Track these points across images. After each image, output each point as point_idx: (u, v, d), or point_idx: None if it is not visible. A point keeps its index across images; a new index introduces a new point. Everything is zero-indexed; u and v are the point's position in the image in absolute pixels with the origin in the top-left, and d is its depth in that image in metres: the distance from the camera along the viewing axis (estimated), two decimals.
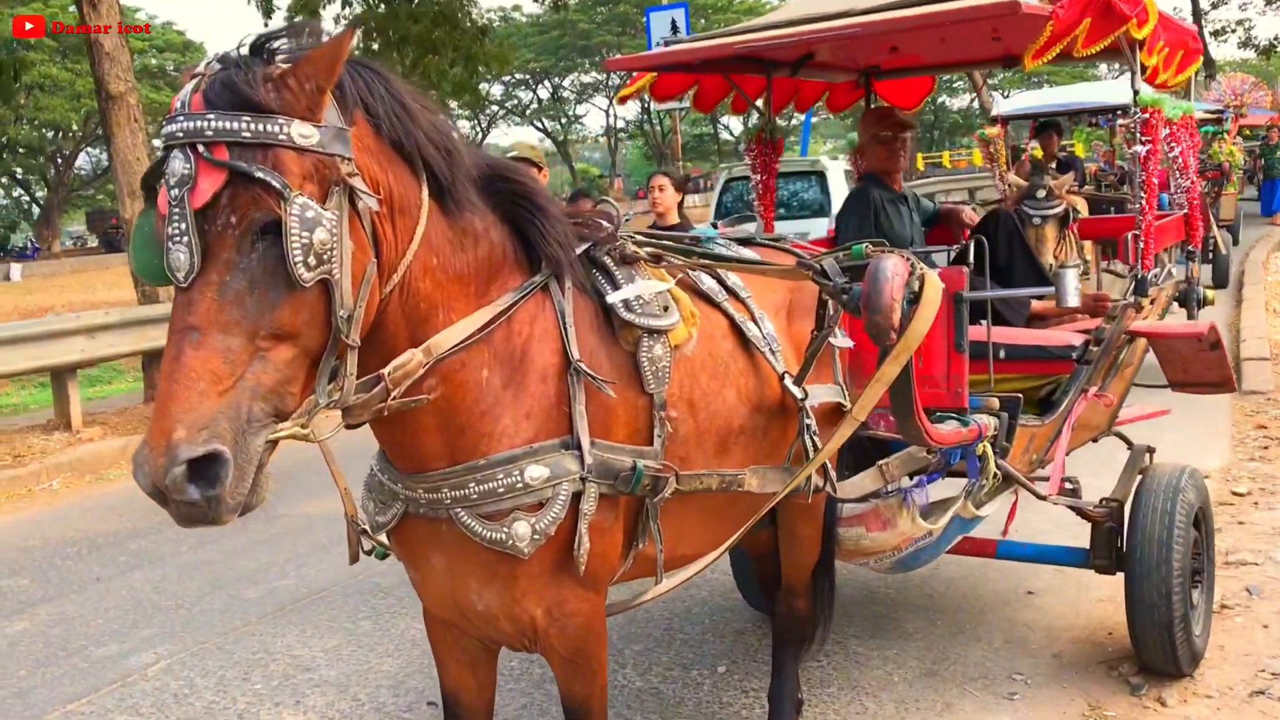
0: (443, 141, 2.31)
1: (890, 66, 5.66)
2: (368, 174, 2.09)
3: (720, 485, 2.74)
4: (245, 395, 1.89)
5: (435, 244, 2.28)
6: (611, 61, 4.40)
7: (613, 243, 2.70)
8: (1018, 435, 3.83)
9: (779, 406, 2.97)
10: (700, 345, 2.77)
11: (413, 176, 2.24)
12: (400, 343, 2.24)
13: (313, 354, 2.00)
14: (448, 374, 2.32)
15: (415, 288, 2.24)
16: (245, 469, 1.89)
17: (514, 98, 55.38)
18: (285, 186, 1.88)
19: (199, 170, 1.87)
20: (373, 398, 2.18)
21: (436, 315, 2.29)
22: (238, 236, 1.89)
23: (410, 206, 2.22)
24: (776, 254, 3.40)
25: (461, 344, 2.32)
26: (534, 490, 2.36)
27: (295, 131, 1.93)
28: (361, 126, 2.12)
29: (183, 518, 1.88)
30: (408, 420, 2.33)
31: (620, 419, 2.54)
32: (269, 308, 1.91)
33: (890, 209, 5.03)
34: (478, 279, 2.39)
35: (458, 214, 2.34)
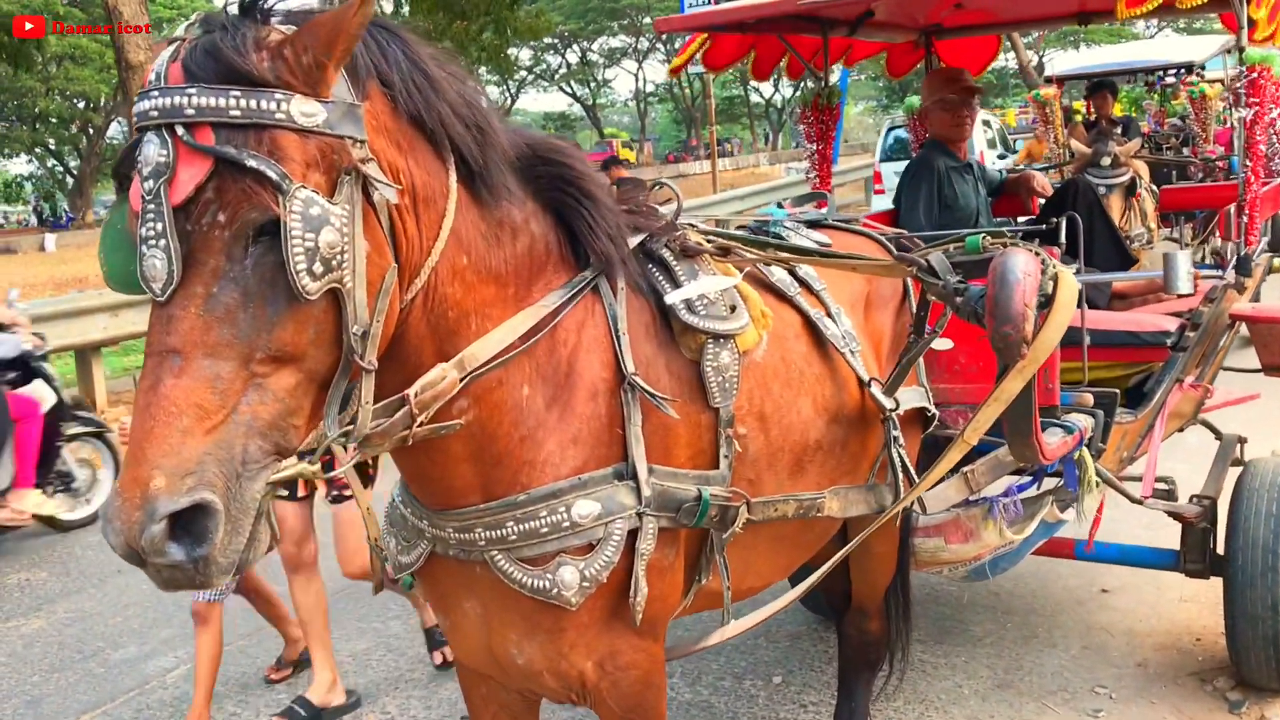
0: (473, 116, 1.93)
1: (953, 25, 5.23)
2: (385, 159, 1.74)
3: (797, 511, 2.38)
4: (239, 432, 1.54)
5: (466, 239, 1.92)
6: (662, 21, 4.00)
7: (672, 233, 2.33)
8: (1110, 434, 3.46)
9: (859, 415, 2.60)
10: (772, 349, 2.40)
11: (438, 159, 1.88)
12: (425, 358, 1.89)
13: (320, 379, 1.66)
14: (482, 394, 1.97)
15: (443, 293, 1.89)
16: (239, 521, 1.55)
17: (543, 62, 54.74)
18: (284, 177, 1.53)
19: (178, 157, 1.53)
20: (395, 425, 1.83)
21: (469, 324, 1.94)
22: (227, 239, 1.54)
23: (435, 195, 1.86)
24: (854, 240, 3.02)
25: (500, 358, 1.97)
26: (583, 530, 2.01)
27: (296, 109, 1.57)
28: (377, 101, 1.76)
29: (165, 582, 1.54)
30: (435, 449, 1.98)
31: (682, 440, 2.18)
32: (266, 326, 1.57)
33: (955, 178, 4.65)
34: (517, 279, 2.03)
35: (492, 203, 1.98)
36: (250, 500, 1.56)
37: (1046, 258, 2.09)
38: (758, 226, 2.83)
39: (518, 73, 53.58)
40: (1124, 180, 5.97)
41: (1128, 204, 6.02)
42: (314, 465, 1.67)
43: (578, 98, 57.62)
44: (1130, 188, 6.06)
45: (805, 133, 4.72)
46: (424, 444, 1.95)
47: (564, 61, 54.96)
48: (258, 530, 1.59)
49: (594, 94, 58.16)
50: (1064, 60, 14.74)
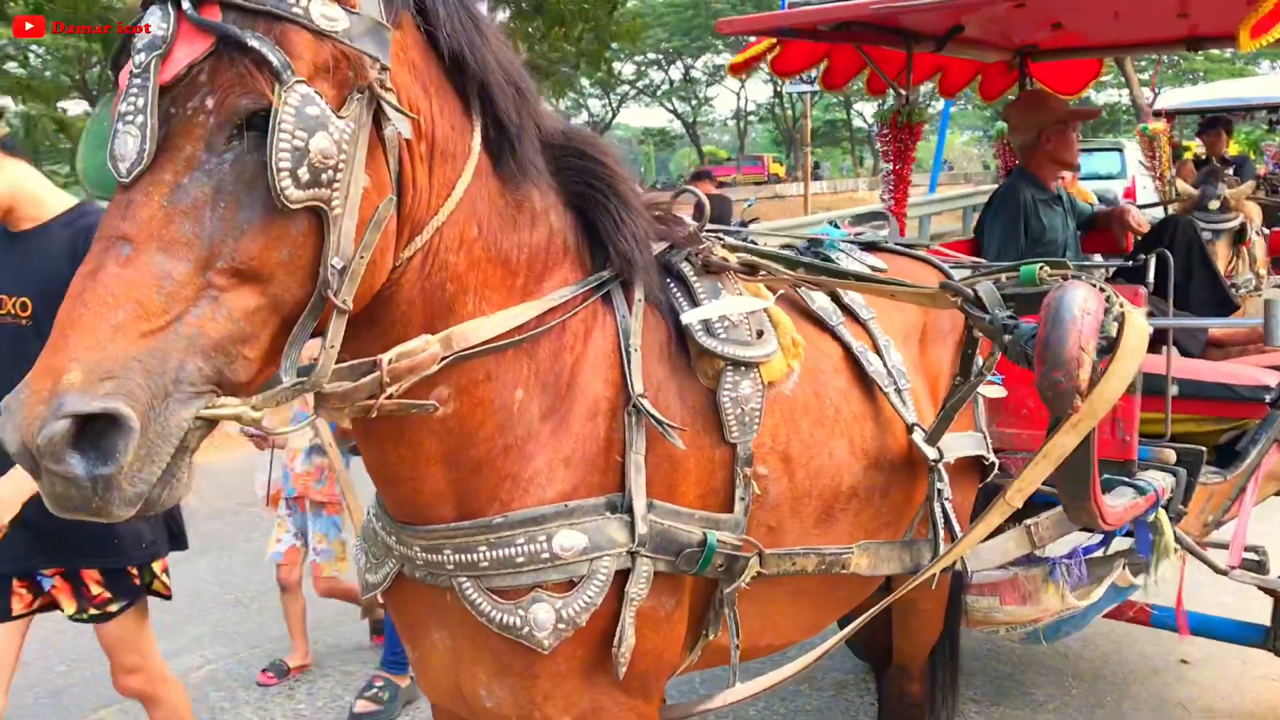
0: (515, 76, 1.76)
1: (1050, 46, 4.91)
2: (405, 95, 1.57)
3: (819, 567, 2.12)
4: (178, 345, 1.35)
5: (479, 209, 1.74)
6: (724, 22, 3.78)
7: (695, 245, 2.10)
8: (1195, 495, 3.13)
9: (904, 461, 2.34)
10: (804, 382, 2.15)
11: (465, 114, 1.71)
12: (411, 328, 1.69)
13: (285, 310, 1.46)
14: (467, 385, 1.76)
15: (444, 260, 1.69)
16: (157, 446, 1.34)
17: (645, 77, 54.75)
18: (286, 67, 1.37)
19: (178, 31, 1.38)
20: (359, 389, 1.61)
21: (465, 302, 1.74)
22: (210, 127, 1.38)
23: (456, 152, 1.68)
24: (913, 266, 2.75)
25: (493, 343, 1.76)
26: (564, 564, 1.79)
27: (317, 8, 1.42)
28: (408, 33, 1.60)
29: (57, 500, 1.33)
30: (404, 441, 1.78)
31: (691, 475, 1.95)
32: (234, 231, 1.38)
33: (1043, 209, 4.34)
34: (528, 270, 1.84)
35: (516, 178, 1.80)
36: (175, 427, 1.35)
37: (1112, 294, 1.80)
38: (806, 246, 2.59)
39: (620, 87, 53.79)
40: (1232, 226, 5.57)
41: (1235, 251, 5.61)
42: (258, 411, 1.45)
43: (678, 114, 57.50)
44: (1239, 234, 5.65)
45: (883, 152, 4.45)
46: (392, 433, 1.76)
47: (666, 77, 54.90)
48: (177, 466, 1.38)
49: (695, 111, 57.97)
50: (1176, 95, 14.12)
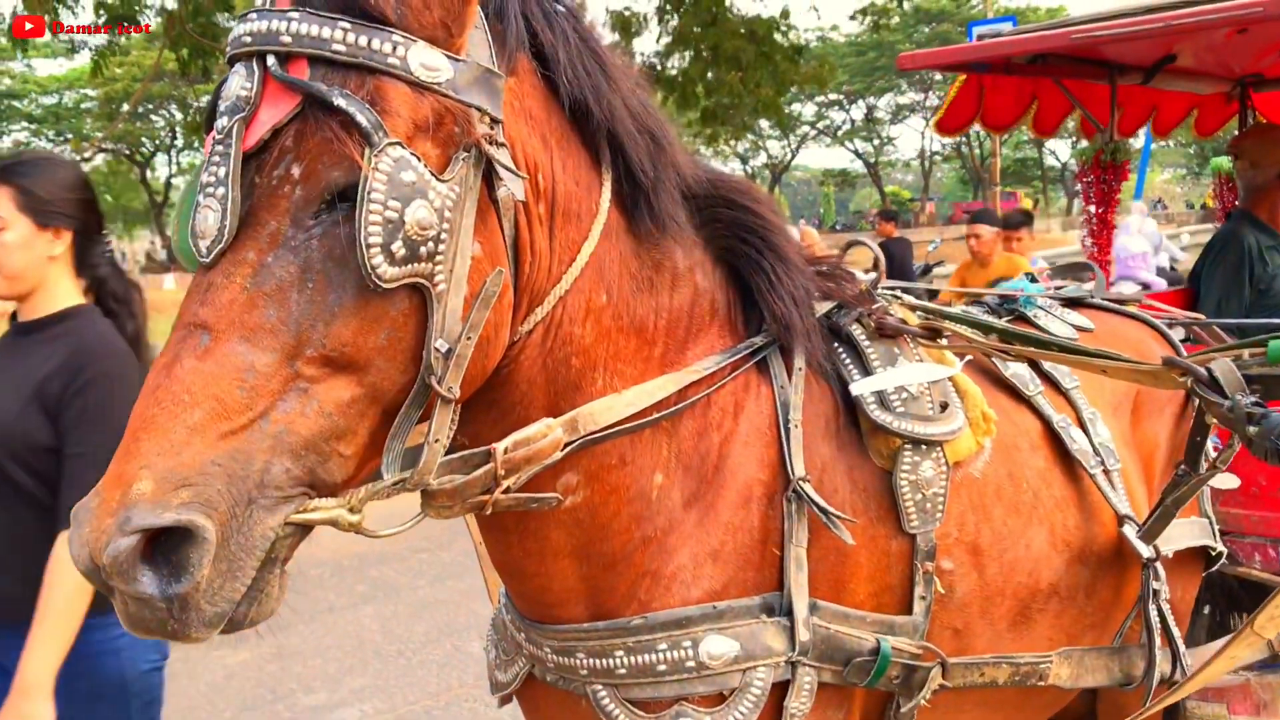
0: (649, 123, 1.57)
1: (1277, 74, 4.43)
2: (522, 150, 1.40)
3: (1012, 678, 1.82)
4: (263, 445, 1.20)
5: (609, 273, 1.55)
6: (905, 57, 3.50)
7: (868, 305, 1.85)
8: None
9: (1113, 554, 2.01)
10: (996, 462, 1.87)
11: (592, 168, 1.54)
12: (533, 410, 1.51)
13: (385, 399, 1.29)
14: (598, 471, 1.56)
15: (568, 333, 1.51)
16: (240, 560, 1.19)
17: (825, 118, 54.31)
18: (376, 128, 1.21)
19: (264, 91, 1.25)
20: (471, 484, 1.42)
21: (594, 379, 1.55)
22: (297, 199, 1.24)
23: (581, 211, 1.51)
24: (1125, 326, 2.42)
25: (627, 424, 1.55)
26: (712, 675, 1.56)
27: (416, 58, 1.26)
28: (525, 80, 1.43)
29: (130, 620, 1.20)
30: (529, 534, 1.59)
31: (862, 571, 1.69)
32: (325, 314, 1.23)
33: (1271, 257, 3.89)
34: (669, 338, 1.63)
35: (654, 236, 1.61)
36: (260, 537, 1.20)
37: None
38: (999, 303, 2.30)
39: (799, 128, 53.54)
40: None
41: None
42: (357, 513, 1.30)
43: (860, 154, 56.79)
44: None
45: (1084, 194, 4.07)
46: (516, 527, 1.57)
47: (848, 118, 54.35)
48: (264, 580, 1.23)
49: (877, 152, 57.16)
50: None
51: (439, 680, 5.03)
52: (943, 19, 43.71)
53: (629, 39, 15.39)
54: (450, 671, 5.12)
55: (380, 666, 5.25)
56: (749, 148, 53.72)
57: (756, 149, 55.33)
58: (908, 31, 44.80)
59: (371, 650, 5.45)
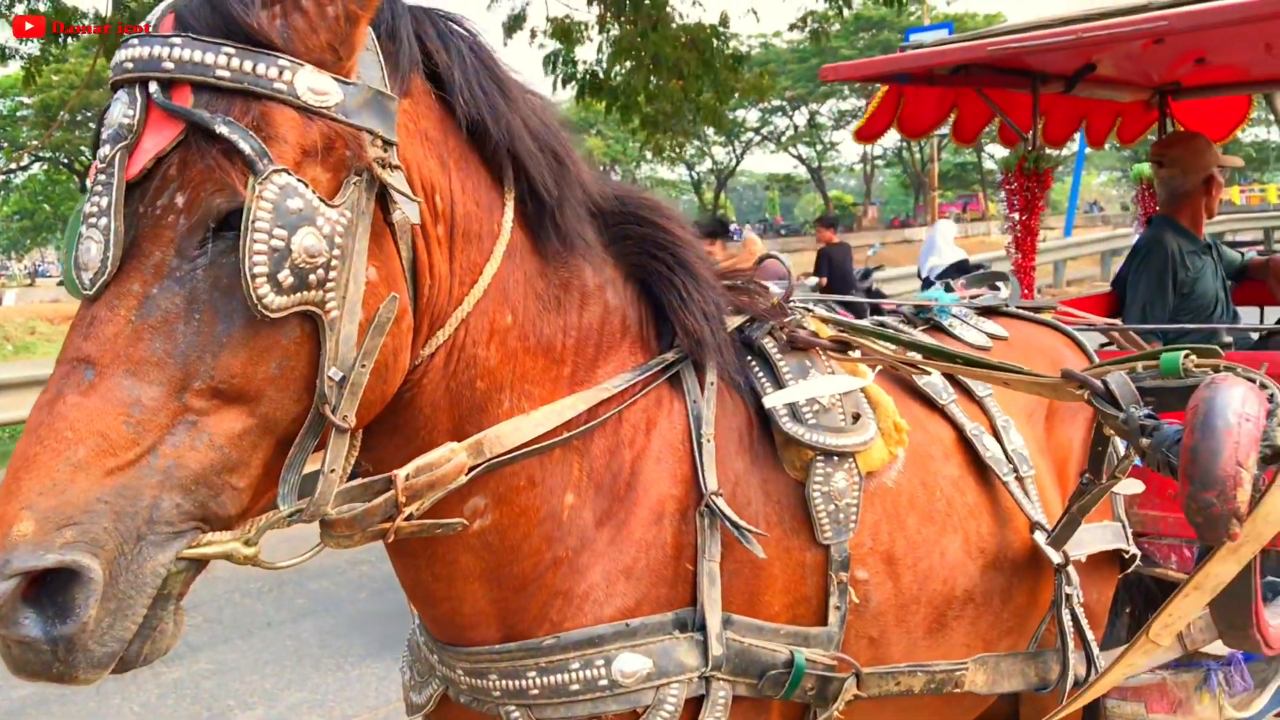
0: (550, 141, 1.57)
1: (1194, 83, 4.53)
2: (418, 172, 1.40)
3: (928, 686, 1.84)
4: (151, 480, 1.18)
5: (515, 294, 1.54)
6: (828, 69, 3.54)
7: (780, 318, 1.86)
8: None
9: (1027, 559, 2.04)
10: (909, 471, 1.89)
11: (495, 188, 1.53)
12: (437, 433, 1.50)
13: (279, 430, 1.28)
14: (506, 493, 1.56)
15: (472, 355, 1.50)
16: (129, 598, 1.17)
17: (769, 124, 54.62)
18: (261, 155, 1.20)
19: (146, 118, 1.23)
20: (371, 513, 1.40)
21: (501, 400, 1.54)
22: (182, 229, 1.22)
23: (482, 232, 1.50)
24: (1039, 333, 2.46)
25: (535, 445, 1.55)
26: (625, 692, 1.56)
27: (304, 82, 1.25)
28: (420, 100, 1.43)
29: (15, 664, 1.17)
30: (438, 560, 1.58)
31: (777, 584, 1.71)
32: (212, 346, 1.22)
33: (1192, 261, 3.97)
34: (578, 356, 1.63)
35: (561, 255, 1.61)
36: (151, 574, 1.19)
37: (1276, 392, 1.49)
38: (914, 313, 2.33)
39: (744, 134, 53.79)
40: None
41: None
42: (253, 546, 1.28)
43: (803, 160, 57.17)
44: None
45: (1008, 201, 4.13)
46: (425, 551, 1.56)
47: (791, 123, 54.69)
48: (157, 617, 1.21)
49: (820, 157, 57.56)
50: None
51: (378, 694, 4.98)
52: (883, 26, 44.14)
53: (570, 47, 15.34)
54: (390, 685, 5.05)
55: (319, 680, 5.19)
56: (694, 154, 53.91)
57: (702, 155, 55.53)
58: (849, 38, 45.21)
59: (310, 664, 5.39)
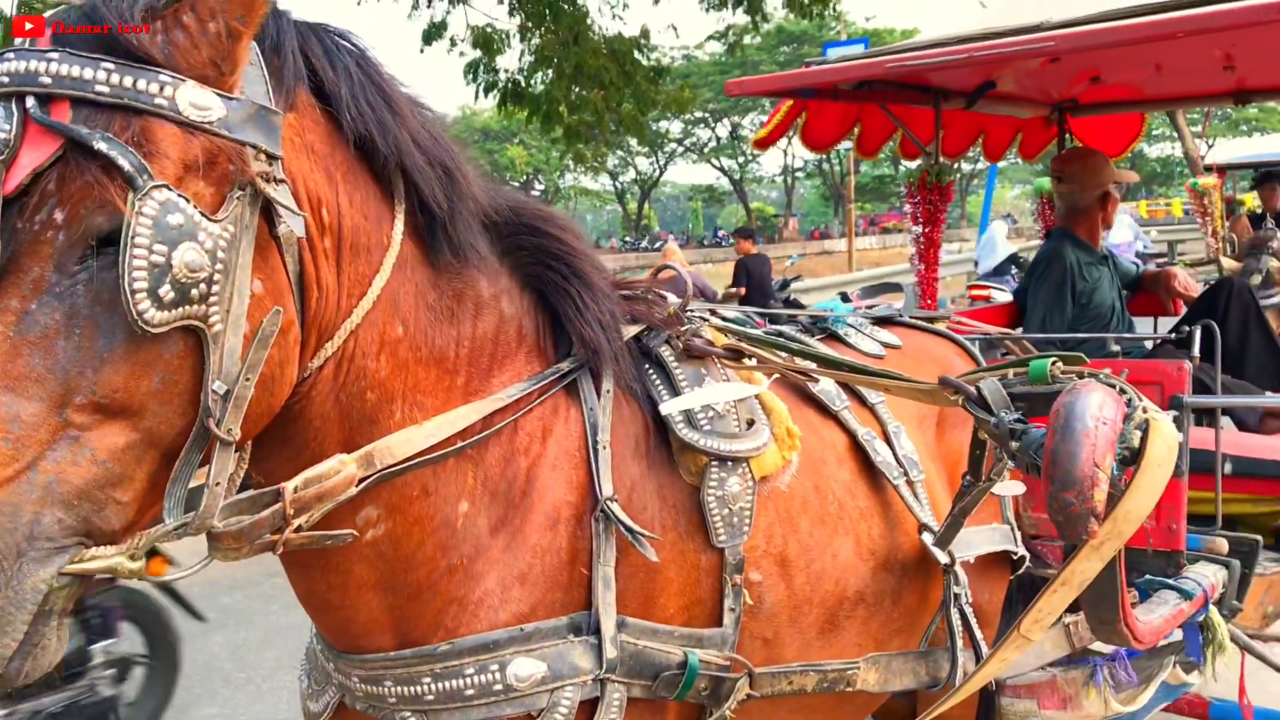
0: (439, 154, 1.59)
1: (1090, 101, 4.69)
2: (304, 186, 1.41)
3: (820, 685, 1.89)
4: (31, 496, 1.18)
5: (405, 306, 1.55)
6: (733, 83, 3.60)
7: (676, 327, 1.91)
8: (1252, 586, 2.86)
9: (917, 561, 2.11)
10: (802, 476, 1.94)
11: (384, 201, 1.54)
12: (328, 445, 1.51)
13: (163, 444, 1.28)
14: (399, 503, 1.57)
15: (362, 367, 1.51)
16: (9, 615, 1.17)
17: (692, 135, 55.03)
18: (140, 171, 1.20)
19: (24, 133, 1.21)
20: (258, 525, 1.41)
21: (392, 411, 1.55)
22: (61, 245, 1.21)
23: (371, 244, 1.51)
24: (930, 342, 2.54)
25: (426, 455, 1.56)
26: (519, 696, 1.58)
27: (185, 98, 1.25)
28: (307, 115, 1.44)
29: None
30: (331, 570, 1.58)
31: (672, 586, 1.74)
32: (93, 361, 1.22)
33: (1089, 272, 4.10)
34: (471, 366, 1.65)
35: (452, 267, 1.62)
36: (31, 590, 1.18)
37: (1134, 397, 1.57)
38: (811, 322, 2.39)
39: (667, 145, 54.07)
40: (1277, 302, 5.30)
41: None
42: (138, 560, 1.28)
43: (726, 171, 57.67)
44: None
45: (911, 215, 4.24)
46: (318, 562, 1.57)
47: (714, 135, 55.14)
48: (40, 633, 1.21)
49: (742, 168, 58.12)
50: (1230, 148, 13.91)
51: (289, 708, 4.92)
52: (803, 40, 44.72)
53: (491, 56, 15.32)
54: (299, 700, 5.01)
55: (229, 694, 5.12)
56: (618, 164, 54.08)
57: (626, 165, 55.73)
58: (770, 52, 45.73)
59: (220, 679, 5.31)
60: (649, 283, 1.98)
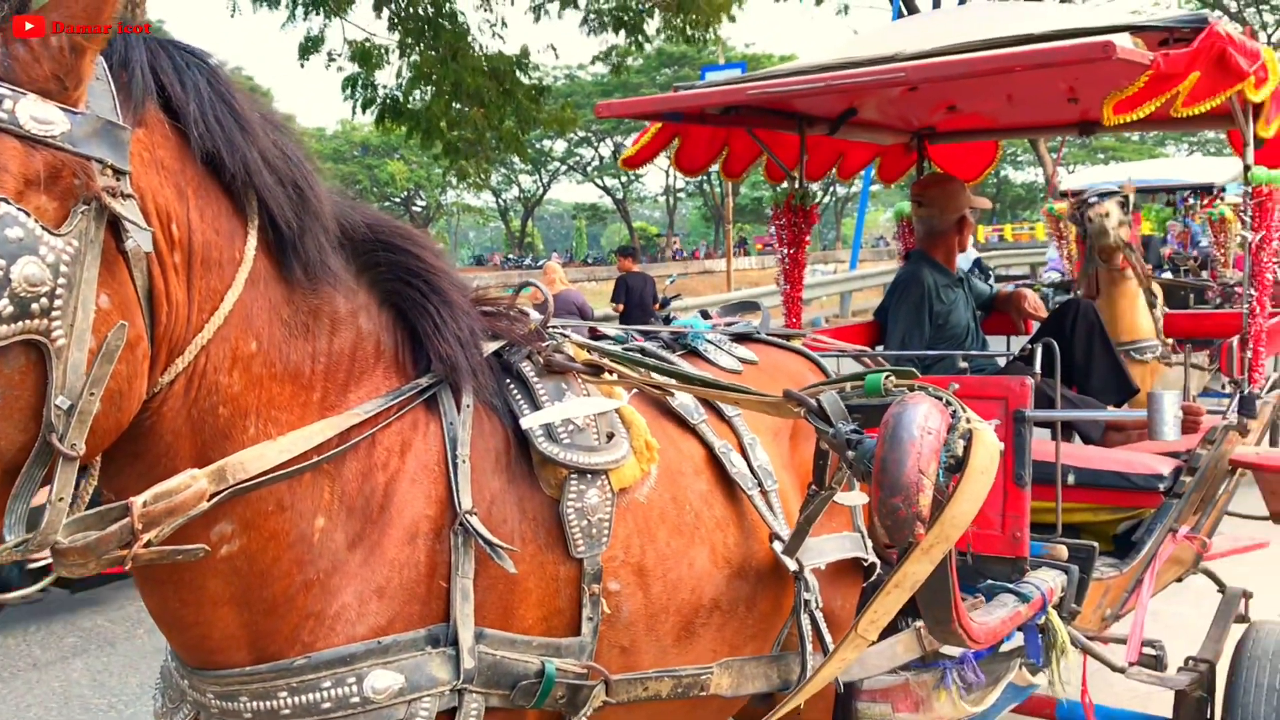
0: (291, 173, 1.60)
1: (947, 129, 4.91)
2: (154, 201, 1.41)
3: (675, 690, 1.96)
4: None
5: (258, 321, 1.57)
6: (603, 105, 3.67)
7: (537, 343, 1.96)
8: (1089, 590, 3.02)
9: (771, 569, 2.19)
10: (660, 487, 2.01)
11: (237, 217, 1.55)
12: (180, 460, 1.51)
13: (4, 460, 1.28)
14: (254, 519, 1.57)
15: (214, 382, 1.52)
16: None
17: (575, 154, 55.22)
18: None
19: None
20: (105, 540, 1.41)
21: (245, 426, 1.56)
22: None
23: (223, 260, 1.52)
24: (785, 358, 2.64)
25: (282, 470, 1.57)
26: (377, 708, 1.60)
27: (26, 111, 1.26)
28: (156, 130, 1.44)
29: None
30: (184, 586, 1.58)
31: (531, 597, 1.79)
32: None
33: (945, 294, 4.28)
34: (328, 381, 1.67)
35: (307, 283, 1.64)
36: None
37: (959, 409, 1.68)
38: (674, 338, 2.46)
39: (550, 163, 54.15)
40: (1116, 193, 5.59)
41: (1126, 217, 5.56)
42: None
43: (609, 190, 57.98)
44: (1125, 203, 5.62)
45: (776, 235, 4.36)
46: (171, 578, 1.56)
47: (597, 155, 55.41)
48: None
49: (625, 188, 58.51)
50: (1083, 175, 14.60)
51: None
52: (684, 62, 45.29)
53: (370, 71, 15.17)
54: None
55: None
56: (501, 181, 53.90)
57: (509, 182, 55.58)
58: (650, 74, 46.23)
59: (79, 706, 5.13)
60: (510, 300, 2.02)
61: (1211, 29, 2.94)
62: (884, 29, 5.61)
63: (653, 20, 15.26)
